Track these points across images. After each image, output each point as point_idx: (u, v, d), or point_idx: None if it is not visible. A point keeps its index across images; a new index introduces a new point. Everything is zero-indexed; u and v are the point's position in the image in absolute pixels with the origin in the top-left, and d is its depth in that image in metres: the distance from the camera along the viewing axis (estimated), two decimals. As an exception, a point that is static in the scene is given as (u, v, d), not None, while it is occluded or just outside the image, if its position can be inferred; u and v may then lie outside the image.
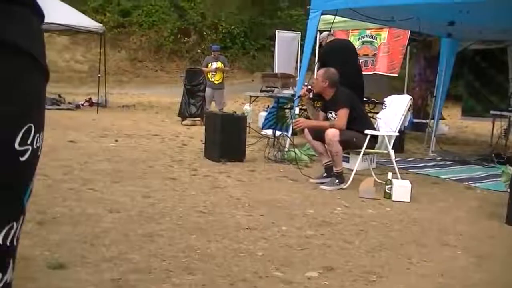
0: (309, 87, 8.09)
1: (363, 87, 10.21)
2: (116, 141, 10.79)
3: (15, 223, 1.31)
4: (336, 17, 10.05)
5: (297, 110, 9.57)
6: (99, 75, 18.27)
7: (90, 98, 19.76)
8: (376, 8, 9.34)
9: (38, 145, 1.29)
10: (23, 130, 1.22)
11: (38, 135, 1.28)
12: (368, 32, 15.41)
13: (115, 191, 6.42)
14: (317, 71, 8.10)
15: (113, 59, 33.72)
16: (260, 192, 6.85)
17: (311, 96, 8.15)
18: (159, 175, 7.60)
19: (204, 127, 10.27)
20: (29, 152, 1.24)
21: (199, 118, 14.94)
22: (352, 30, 15.55)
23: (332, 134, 7.16)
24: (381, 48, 15.14)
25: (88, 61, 34.05)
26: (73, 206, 5.60)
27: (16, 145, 1.21)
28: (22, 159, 1.23)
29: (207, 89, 15.23)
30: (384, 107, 8.17)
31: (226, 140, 8.90)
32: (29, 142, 1.24)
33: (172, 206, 5.86)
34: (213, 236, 4.84)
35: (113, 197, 6.09)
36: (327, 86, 7.58)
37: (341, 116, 7.34)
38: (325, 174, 7.69)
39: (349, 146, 7.50)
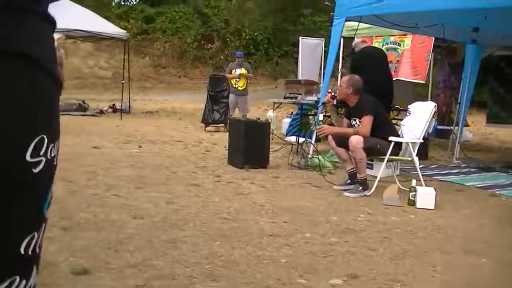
0: (333, 93, 8.08)
1: (392, 94, 10.24)
2: (140, 147, 10.83)
3: (36, 233, 1.31)
4: (360, 23, 10.02)
5: (321, 117, 9.56)
6: (123, 81, 18.36)
7: (113, 104, 19.86)
8: (400, 15, 9.32)
9: (52, 155, 1.28)
10: (34, 141, 1.21)
11: (52, 145, 1.27)
12: (392, 38, 15.37)
13: (139, 197, 6.44)
14: (344, 76, 8.07)
15: (136, 65, 33.92)
16: (283, 198, 6.84)
17: (334, 103, 8.13)
18: (182, 181, 7.61)
19: (227, 133, 10.28)
20: (43, 163, 1.24)
21: (222, 125, 14.95)
22: (376, 36, 15.52)
23: (356, 141, 7.14)
24: (404, 54, 15.09)
25: (112, 67, 34.24)
26: (97, 212, 5.62)
27: (28, 157, 1.20)
28: (36, 170, 1.23)
29: (230, 95, 15.26)
30: (408, 114, 8.13)
31: (250, 146, 8.90)
32: (42, 153, 1.24)
33: (196, 212, 5.86)
34: (236, 242, 4.84)
35: (137, 203, 6.11)
36: (351, 93, 7.56)
37: (365, 123, 7.31)
38: (349, 181, 7.67)
39: (373, 153, 7.47)
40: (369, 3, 9.14)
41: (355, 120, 7.60)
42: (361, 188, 7.30)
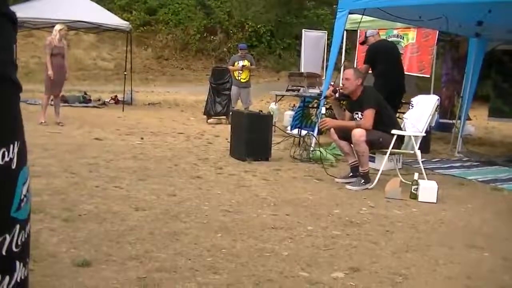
0: (337, 88, 8.04)
1: (404, 90, 10.27)
2: (142, 139, 10.83)
3: (7, 235, 1.30)
4: (364, 16, 9.99)
5: (323, 110, 9.53)
6: (125, 73, 18.37)
7: (116, 96, 19.88)
8: (404, 8, 9.29)
9: (7, 159, 1.25)
10: None
11: (4, 149, 1.25)
12: (395, 31, 15.32)
13: (141, 189, 6.44)
14: (348, 69, 8.03)
15: (139, 57, 33.92)
16: (285, 191, 6.83)
17: (337, 96, 8.11)
18: (184, 173, 7.61)
19: (229, 125, 10.28)
20: None
21: (224, 117, 14.97)
22: (380, 29, 15.46)
23: (358, 134, 7.12)
24: (409, 48, 15.03)
25: (114, 59, 34.25)
26: (99, 204, 5.62)
27: None
28: None
29: (233, 87, 15.25)
30: (411, 107, 8.11)
31: (252, 139, 8.89)
32: None
33: (197, 204, 5.86)
34: (238, 235, 4.83)
35: (139, 195, 6.11)
36: (360, 84, 7.57)
37: (368, 116, 7.30)
38: (351, 174, 7.66)
39: (375, 146, 7.46)
40: (372, -4, 9.12)
41: (357, 113, 7.60)
42: (363, 181, 7.29)
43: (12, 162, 1.28)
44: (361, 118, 7.43)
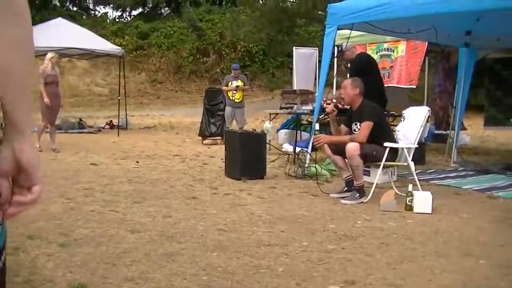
0: (338, 104, 8.06)
1: (387, 100, 10.31)
2: (137, 162, 10.85)
3: None
4: (353, 31, 10.05)
5: (317, 126, 9.57)
6: (119, 97, 18.41)
7: (111, 121, 19.92)
8: (392, 21, 9.34)
9: None
10: None
11: None
12: (385, 45, 15.40)
13: (136, 211, 6.45)
14: (346, 80, 8.04)
15: (133, 81, 34.02)
16: (281, 208, 6.85)
17: (337, 112, 8.12)
18: (180, 194, 7.62)
19: (224, 146, 10.30)
20: None
21: (219, 137, 14.98)
22: (370, 44, 15.55)
23: (352, 148, 7.14)
24: (398, 61, 15.10)
25: (108, 84, 34.35)
26: (94, 228, 5.63)
27: None
28: None
29: (227, 108, 15.30)
30: (402, 119, 8.14)
31: (246, 158, 8.91)
32: None
33: (193, 225, 5.87)
34: (234, 253, 4.84)
35: (135, 218, 6.12)
36: (358, 94, 7.60)
37: (364, 128, 7.32)
38: (346, 188, 7.67)
39: (370, 159, 7.46)
40: (360, 11, 9.17)
41: (356, 124, 7.62)
42: (358, 195, 7.31)
43: None
44: (359, 129, 7.45)
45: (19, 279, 3.96)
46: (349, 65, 10.81)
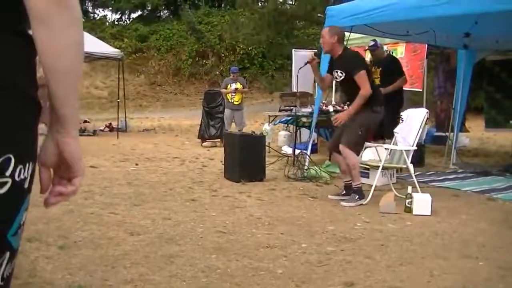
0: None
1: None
2: (137, 164, 10.85)
3: None
4: (352, 33, 10.05)
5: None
6: (118, 100, 18.41)
7: (110, 124, 19.88)
8: (391, 23, 9.34)
9: (22, 177, 1.27)
10: None
11: (21, 166, 1.26)
12: (385, 47, 15.36)
13: (136, 214, 6.45)
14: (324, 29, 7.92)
15: (132, 84, 34.02)
16: (280, 210, 6.85)
17: (318, 61, 7.95)
18: (179, 197, 7.62)
19: (223, 148, 10.30)
20: (8, 184, 1.23)
21: (218, 140, 14.97)
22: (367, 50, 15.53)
23: (342, 146, 7.17)
24: (399, 63, 15.09)
25: (107, 86, 34.35)
26: (94, 230, 5.63)
27: None
28: (0, 191, 1.23)
29: (226, 110, 15.31)
30: (401, 121, 8.14)
31: (246, 160, 8.91)
32: (8, 174, 1.23)
33: (192, 227, 5.87)
34: (233, 255, 4.85)
35: (134, 220, 6.12)
36: (336, 41, 7.46)
37: (363, 80, 7.23)
38: (343, 192, 7.66)
39: (361, 140, 7.44)
40: (359, 13, 9.18)
41: (336, 71, 7.51)
42: (357, 197, 7.30)
43: (25, 182, 1.30)
44: (340, 77, 7.42)
45: (19, 281, 3.96)
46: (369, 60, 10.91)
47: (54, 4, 1.25)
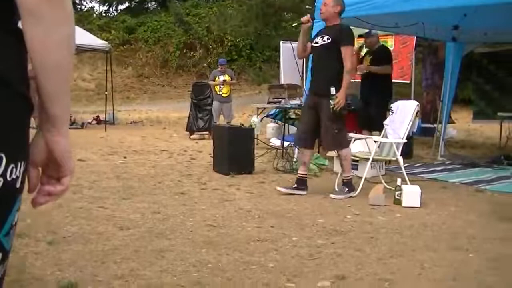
0: (309, 16, 7.71)
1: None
2: (125, 158, 10.81)
3: None
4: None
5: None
6: (106, 93, 18.36)
7: (97, 116, 19.83)
8: (380, 16, 9.34)
9: (14, 176, 1.25)
10: None
11: (13, 165, 1.24)
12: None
13: (125, 208, 6.42)
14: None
15: (119, 76, 33.91)
16: (269, 203, 6.84)
17: (311, 24, 7.79)
18: (168, 190, 7.60)
19: (212, 140, 10.28)
20: (0, 184, 1.22)
21: (207, 132, 14.96)
22: (358, 38, 15.50)
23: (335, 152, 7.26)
24: (389, 56, 15.11)
25: (95, 79, 34.22)
26: (83, 225, 5.60)
27: None
28: None
29: (214, 102, 15.30)
30: (391, 113, 8.14)
31: (234, 153, 8.90)
32: None
33: (182, 221, 5.85)
34: (223, 249, 4.83)
35: (123, 214, 6.09)
36: (337, 12, 7.39)
37: (349, 55, 7.21)
38: (295, 185, 7.57)
39: (342, 126, 7.38)
40: (349, 5, 9.14)
41: (322, 36, 7.40)
42: (347, 189, 7.30)
43: (17, 181, 1.28)
44: (325, 42, 7.31)
45: (8, 278, 3.91)
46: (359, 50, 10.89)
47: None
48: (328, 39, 7.28)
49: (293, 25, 8.09)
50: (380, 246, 5.04)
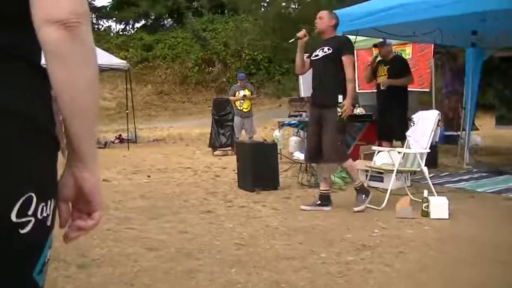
0: (306, 31, 7.74)
1: None
2: (149, 176, 10.84)
3: None
4: (358, 36, 10.03)
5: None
6: (127, 111, 18.44)
7: (120, 135, 19.93)
8: (397, 25, 9.30)
9: (44, 214, 1.26)
10: (20, 200, 1.20)
11: (43, 204, 1.25)
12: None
13: (152, 228, 6.44)
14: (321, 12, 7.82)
15: (139, 94, 34.06)
16: (296, 219, 6.82)
17: (306, 39, 7.80)
18: (194, 209, 7.61)
19: (235, 156, 10.28)
20: (31, 223, 1.22)
21: (229, 148, 14.98)
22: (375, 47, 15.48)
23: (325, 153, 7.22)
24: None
25: (115, 97, 34.40)
26: (111, 247, 5.62)
27: (13, 217, 1.19)
28: (23, 231, 1.21)
29: (235, 118, 15.31)
30: (412, 124, 8.10)
31: (258, 169, 8.89)
32: (30, 212, 1.22)
33: (210, 240, 5.85)
34: (253, 268, 4.82)
35: (151, 235, 6.10)
36: (333, 25, 7.48)
37: (351, 64, 7.28)
38: (318, 201, 7.53)
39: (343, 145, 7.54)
40: (364, 16, 9.17)
41: (322, 48, 7.43)
42: (364, 196, 7.25)
43: (47, 219, 1.29)
44: (325, 52, 7.32)
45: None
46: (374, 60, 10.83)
47: (67, 38, 1.23)
48: (329, 49, 7.31)
49: (290, 41, 8.04)
50: (409, 260, 5.00)
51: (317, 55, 7.46)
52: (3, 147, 1.17)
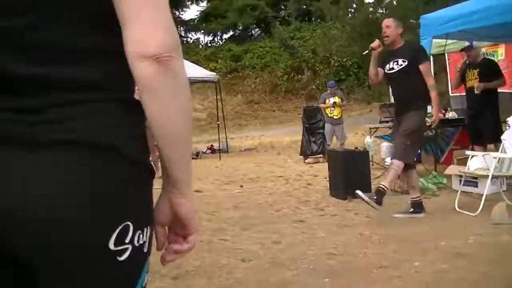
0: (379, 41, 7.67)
1: None
2: (241, 186, 10.94)
3: None
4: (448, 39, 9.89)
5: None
6: (218, 122, 18.65)
7: (211, 145, 20.16)
8: (487, 27, 9.12)
9: (141, 242, 1.30)
10: (117, 229, 1.25)
11: (139, 232, 1.30)
12: (483, 50, 14.97)
13: (245, 239, 6.50)
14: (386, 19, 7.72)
15: (229, 104, 34.33)
16: (389, 227, 6.77)
17: (380, 50, 7.71)
18: (287, 218, 7.64)
19: (327, 164, 10.26)
20: (128, 251, 1.27)
21: (321, 155, 14.95)
22: (460, 51, 15.16)
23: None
24: (500, 65, 14.67)
25: (206, 108, 34.76)
26: (205, 258, 5.69)
27: (111, 246, 1.23)
28: (121, 258, 1.26)
29: (326, 125, 15.28)
30: (507, 127, 7.90)
31: (350, 176, 8.84)
32: (127, 240, 1.27)
33: (303, 250, 5.87)
34: (346, 278, 4.81)
35: (244, 246, 6.16)
36: (400, 33, 7.41)
37: (428, 72, 7.25)
38: (412, 209, 7.47)
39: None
40: (453, 20, 9.04)
41: (396, 61, 7.33)
42: (411, 209, 7.36)
43: (144, 246, 1.34)
44: (400, 65, 7.25)
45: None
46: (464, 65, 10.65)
47: (160, 72, 1.26)
48: (404, 61, 7.23)
49: (364, 53, 7.97)
50: (508, 269, 4.88)
51: (392, 68, 7.39)
52: (98, 180, 1.23)
